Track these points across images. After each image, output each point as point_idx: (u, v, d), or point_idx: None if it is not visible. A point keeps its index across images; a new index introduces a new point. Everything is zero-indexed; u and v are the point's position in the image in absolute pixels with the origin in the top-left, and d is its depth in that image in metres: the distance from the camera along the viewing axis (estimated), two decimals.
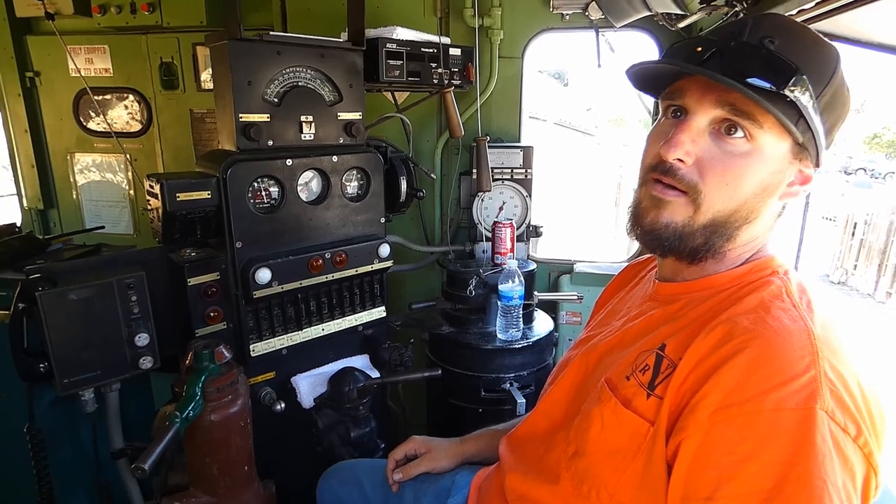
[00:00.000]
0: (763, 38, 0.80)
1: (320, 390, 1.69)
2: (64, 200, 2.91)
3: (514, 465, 1.10)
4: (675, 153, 0.84)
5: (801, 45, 0.82)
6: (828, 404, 0.69)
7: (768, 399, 0.70)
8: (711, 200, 0.84)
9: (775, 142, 0.82)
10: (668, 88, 0.90)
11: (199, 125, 2.62)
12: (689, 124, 0.84)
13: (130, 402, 1.63)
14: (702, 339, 0.79)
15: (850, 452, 0.69)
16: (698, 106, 0.84)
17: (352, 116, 1.67)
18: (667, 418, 0.79)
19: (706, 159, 0.84)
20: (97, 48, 2.60)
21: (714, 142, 0.84)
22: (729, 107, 0.81)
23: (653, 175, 0.88)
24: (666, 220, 0.87)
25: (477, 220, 2.32)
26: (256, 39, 1.45)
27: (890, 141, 34.37)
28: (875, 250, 10.13)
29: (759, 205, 0.86)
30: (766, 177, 0.84)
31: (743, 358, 0.73)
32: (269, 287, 1.51)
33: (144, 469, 1.08)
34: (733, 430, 0.71)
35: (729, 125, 0.83)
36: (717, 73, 0.79)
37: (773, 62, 0.78)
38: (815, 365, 0.71)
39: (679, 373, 0.80)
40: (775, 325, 0.76)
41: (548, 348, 2.05)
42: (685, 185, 0.85)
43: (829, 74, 0.81)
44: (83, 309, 1.31)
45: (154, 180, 1.41)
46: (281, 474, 1.61)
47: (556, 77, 14.97)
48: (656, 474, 0.80)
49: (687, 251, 0.88)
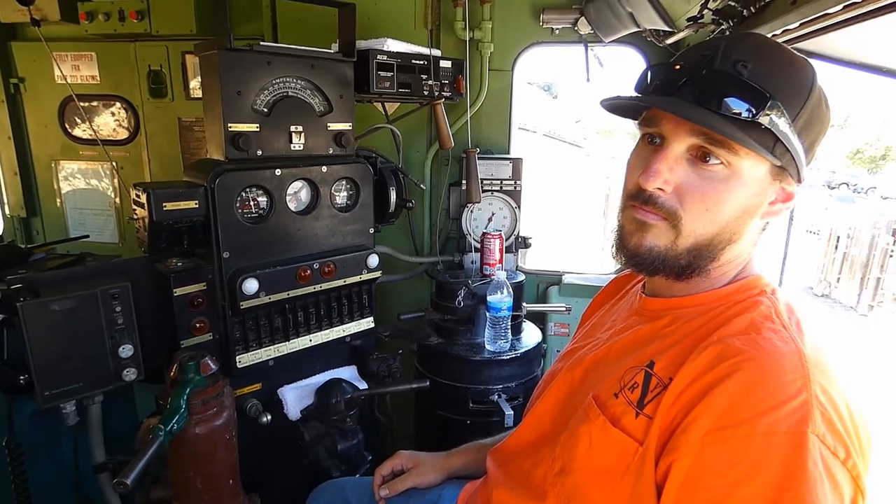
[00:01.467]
0: (736, 62, 0.80)
1: (307, 402, 1.67)
2: (48, 209, 2.86)
3: (501, 480, 1.09)
4: (654, 182, 0.84)
5: (775, 68, 0.82)
6: (819, 428, 0.69)
7: (761, 422, 0.70)
8: (692, 226, 0.85)
9: (754, 165, 0.82)
10: (644, 114, 0.90)
11: (188, 134, 2.60)
12: (666, 153, 0.84)
13: (113, 415, 1.60)
14: (694, 360, 0.79)
15: (839, 476, 0.69)
16: (674, 135, 0.84)
17: (342, 127, 1.66)
18: (657, 438, 0.79)
19: (685, 186, 0.84)
20: (84, 55, 2.58)
21: (692, 168, 0.84)
22: (703, 136, 0.81)
23: (632, 203, 0.89)
24: (649, 243, 0.88)
25: (466, 230, 2.32)
26: (247, 49, 1.44)
27: (872, 157, 35.05)
28: (857, 263, 10.30)
29: (741, 226, 0.86)
30: (746, 199, 0.84)
31: (736, 380, 0.73)
32: (256, 297, 1.50)
33: (127, 484, 1.05)
34: (725, 453, 0.71)
35: (705, 153, 0.82)
36: (690, 101, 0.80)
37: (746, 90, 0.78)
38: (806, 388, 0.71)
39: (670, 393, 0.79)
40: (767, 347, 0.76)
41: (536, 360, 2.05)
42: (665, 212, 0.85)
43: (805, 95, 0.81)
44: (66, 320, 1.29)
45: (140, 189, 1.39)
46: (267, 487, 1.59)
47: (546, 89, 15.09)
48: (645, 494, 0.79)
49: (673, 272, 0.89)
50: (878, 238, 10.06)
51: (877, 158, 34.93)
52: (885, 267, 9.88)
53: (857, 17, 1.05)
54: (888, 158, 34.93)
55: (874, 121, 35.70)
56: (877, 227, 10.30)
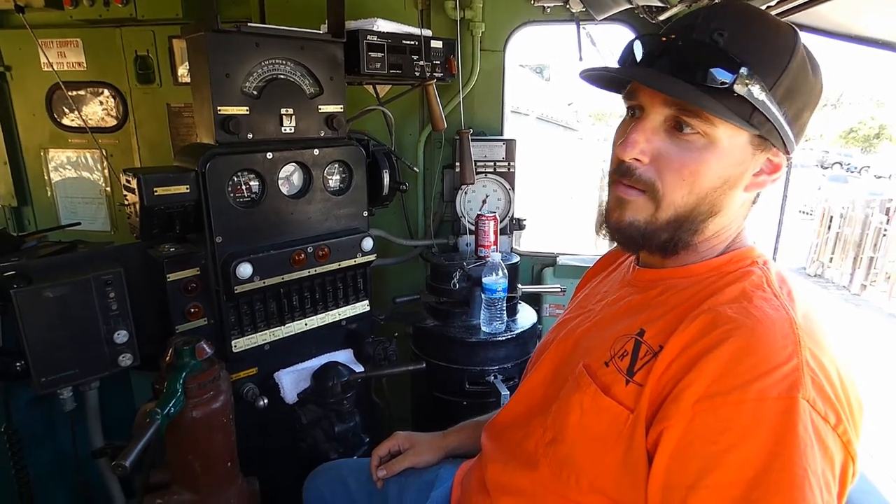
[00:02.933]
0: (714, 30, 0.80)
1: (304, 385, 1.68)
2: (38, 197, 2.84)
3: (495, 454, 1.10)
4: (631, 153, 0.85)
5: (752, 34, 0.81)
6: (809, 393, 0.69)
7: (752, 388, 0.70)
8: (671, 197, 0.85)
9: (732, 135, 0.82)
10: (627, 87, 0.90)
11: (177, 120, 2.57)
12: (644, 124, 0.85)
13: (110, 401, 1.60)
14: (685, 328, 0.80)
15: (829, 441, 0.70)
16: (651, 105, 0.85)
17: (333, 109, 1.65)
18: (647, 406, 0.80)
19: (662, 156, 0.84)
20: (69, 42, 2.54)
21: (669, 139, 0.84)
22: (676, 106, 0.82)
23: (614, 177, 0.89)
24: (629, 218, 0.88)
25: (460, 213, 2.32)
26: (234, 31, 1.43)
27: (865, 136, 35.13)
28: (850, 243, 10.34)
29: (722, 197, 0.86)
30: (725, 169, 0.84)
31: (727, 347, 0.73)
32: (250, 282, 1.49)
33: (125, 466, 1.06)
34: (717, 420, 0.71)
35: (681, 122, 0.83)
36: (666, 72, 0.80)
37: (719, 58, 0.78)
38: (797, 354, 0.72)
39: (661, 361, 0.80)
40: (758, 315, 0.76)
41: (531, 341, 2.06)
42: (643, 184, 0.86)
43: (784, 61, 0.80)
44: (60, 306, 1.29)
45: (131, 174, 1.38)
46: (264, 470, 1.60)
47: (538, 72, 15.00)
48: (636, 461, 0.80)
49: (655, 246, 0.89)
50: (871, 217, 10.10)
51: (870, 137, 35.02)
52: (878, 246, 9.92)
53: None
54: (882, 137, 35.02)
55: (868, 99, 35.71)
56: (870, 207, 10.34)
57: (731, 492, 0.69)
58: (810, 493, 0.66)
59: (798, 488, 0.66)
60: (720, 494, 0.69)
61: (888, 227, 9.88)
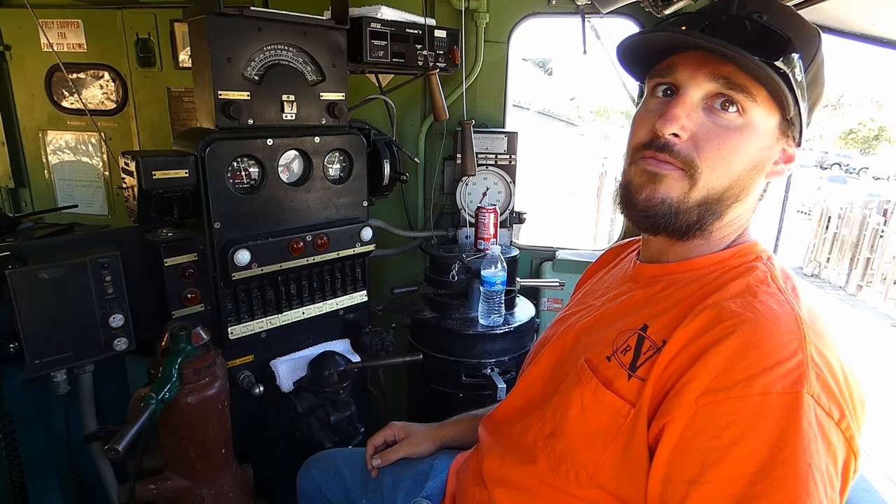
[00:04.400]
0: (752, 12, 0.80)
1: (300, 374, 1.67)
2: (36, 179, 2.82)
3: (493, 447, 1.09)
4: (672, 127, 0.82)
5: (789, 20, 0.82)
6: (814, 388, 0.69)
7: (756, 383, 0.70)
8: (708, 176, 0.83)
9: (766, 116, 0.82)
10: (657, 66, 0.89)
11: (177, 104, 2.56)
12: (684, 99, 0.83)
13: (105, 385, 1.60)
14: (689, 323, 0.79)
15: (833, 437, 0.69)
16: (691, 80, 0.83)
17: (334, 97, 1.64)
18: (649, 401, 0.79)
19: (701, 134, 0.82)
20: (70, 22, 2.51)
21: (708, 116, 0.83)
22: (723, 80, 0.80)
23: (645, 152, 0.86)
24: (662, 195, 0.85)
25: (460, 205, 2.31)
26: (237, 14, 1.41)
27: (864, 137, 35.13)
28: (848, 244, 10.35)
29: (750, 182, 0.86)
30: (758, 152, 0.84)
31: (731, 342, 0.73)
32: (248, 269, 1.48)
33: (118, 450, 1.05)
34: (720, 415, 0.71)
35: (723, 100, 0.82)
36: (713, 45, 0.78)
37: (766, 34, 0.78)
38: (802, 349, 0.71)
39: (664, 355, 0.79)
40: (763, 310, 0.76)
41: (529, 334, 2.06)
42: (681, 160, 0.83)
43: (814, 49, 0.82)
44: (55, 288, 1.28)
45: (129, 157, 1.37)
46: (259, 458, 1.60)
47: (540, 66, 14.94)
48: (636, 456, 0.80)
49: (681, 229, 0.87)
50: (868, 218, 10.11)
51: (870, 139, 35.03)
52: (875, 247, 9.94)
53: None
54: (881, 139, 35.05)
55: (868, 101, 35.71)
56: (868, 208, 10.35)
57: (734, 486, 0.68)
58: (814, 488, 0.66)
59: (802, 483, 0.66)
60: (722, 489, 0.69)
61: (885, 229, 9.90)
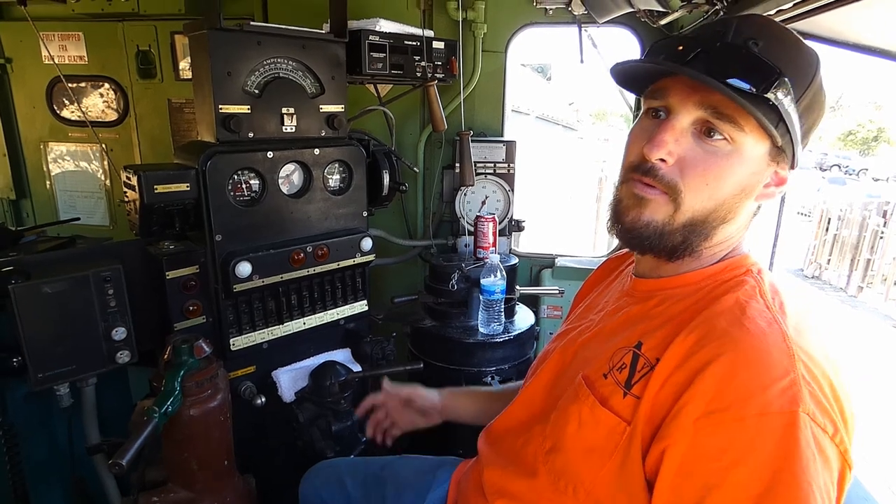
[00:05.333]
0: (748, 39, 0.80)
1: (301, 384, 1.68)
2: (37, 191, 2.84)
3: (493, 459, 1.10)
4: (658, 153, 0.84)
5: (784, 48, 0.82)
6: (809, 406, 0.70)
7: (752, 404, 0.70)
8: (691, 200, 0.85)
9: (755, 144, 0.83)
10: (650, 87, 0.90)
11: (178, 115, 2.57)
12: (672, 124, 0.84)
13: (107, 396, 1.60)
14: (680, 342, 0.80)
15: (829, 451, 0.70)
16: (681, 106, 0.84)
17: (334, 109, 1.65)
18: (645, 421, 0.80)
19: (688, 159, 0.84)
20: (71, 35, 2.53)
21: (696, 142, 0.84)
22: (711, 109, 0.82)
23: (633, 175, 0.88)
24: (647, 218, 0.87)
25: (459, 214, 2.32)
26: (237, 29, 1.42)
27: (864, 138, 35.16)
28: (848, 245, 10.35)
29: (737, 205, 0.87)
30: (745, 178, 0.85)
31: (722, 363, 0.74)
32: (249, 281, 1.50)
33: (122, 465, 1.06)
34: (719, 437, 0.71)
35: (710, 128, 0.83)
36: (701, 73, 0.79)
37: (757, 64, 0.78)
38: (793, 367, 0.72)
39: (657, 375, 0.80)
40: (752, 328, 0.77)
41: (529, 342, 2.06)
42: (665, 184, 0.85)
43: (809, 78, 0.82)
44: (58, 302, 1.29)
45: (131, 172, 1.38)
46: (261, 469, 1.60)
47: (539, 71, 14.99)
48: (632, 474, 0.80)
49: (666, 249, 0.89)
50: (868, 220, 10.12)
51: (869, 140, 35.06)
52: (875, 248, 9.94)
53: None
54: (880, 140, 35.08)
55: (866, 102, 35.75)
56: (867, 209, 10.36)
57: None
58: None
59: (803, 501, 0.67)
60: None
61: (885, 230, 9.90)
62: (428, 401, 1.45)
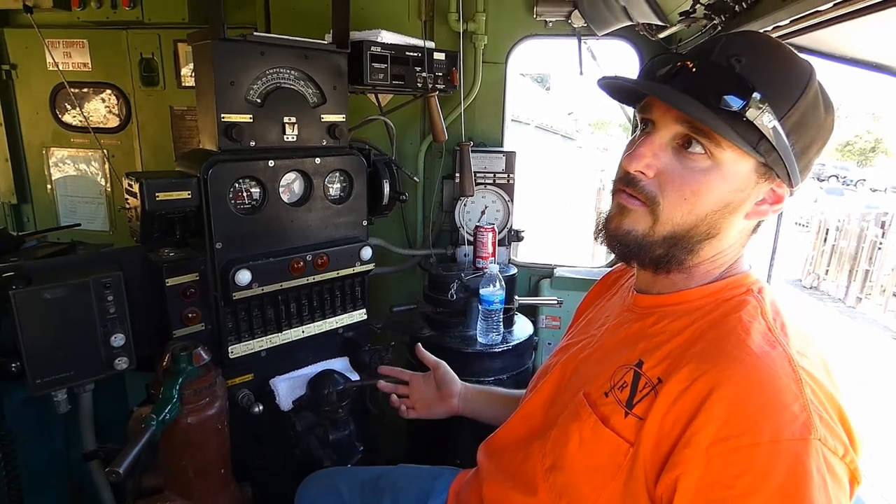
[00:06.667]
0: (731, 56, 0.81)
1: (299, 393, 1.68)
2: (38, 195, 2.85)
3: (493, 473, 1.10)
4: (636, 165, 0.86)
5: (769, 64, 0.82)
6: (820, 432, 0.70)
7: (764, 430, 0.70)
8: (669, 213, 0.86)
9: (736, 159, 0.83)
10: (642, 101, 0.92)
11: (179, 122, 2.58)
12: (653, 139, 0.87)
13: (104, 402, 1.60)
14: (685, 366, 0.79)
15: (840, 472, 0.71)
16: (662, 121, 0.86)
17: (335, 118, 1.66)
18: (652, 446, 0.79)
19: (666, 173, 0.86)
20: (76, 42, 2.56)
21: (675, 157, 0.86)
22: (688, 124, 0.83)
23: (620, 185, 0.91)
24: (627, 227, 0.90)
25: (459, 223, 2.33)
26: (240, 39, 1.44)
27: (861, 149, 35.29)
28: (846, 256, 10.39)
29: (721, 221, 0.87)
30: (727, 194, 0.85)
31: (730, 387, 0.74)
32: (248, 289, 1.50)
33: (119, 472, 1.06)
34: (732, 464, 0.71)
35: (689, 141, 0.84)
36: (678, 90, 0.81)
37: (732, 82, 0.79)
38: (801, 392, 0.73)
39: (663, 398, 0.79)
40: (758, 352, 0.77)
41: (527, 352, 2.07)
42: (644, 196, 0.87)
43: (797, 94, 0.81)
44: (58, 308, 1.29)
45: (133, 179, 1.39)
46: (258, 477, 1.60)
47: (539, 81, 15.08)
48: (636, 494, 0.81)
49: (650, 260, 0.90)
50: (866, 230, 10.15)
51: (866, 150, 35.19)
52: (873, 259, 9.97)
53: (848, 14, 1.06)
54: (878, 151, 35.20)
55: (864, 113, 35.89)
56: (866, 220, 10.39)
57: None
58: None
59: None
60: None
61: (883, 241, 9.94)
62: (450, 380, 1.50)
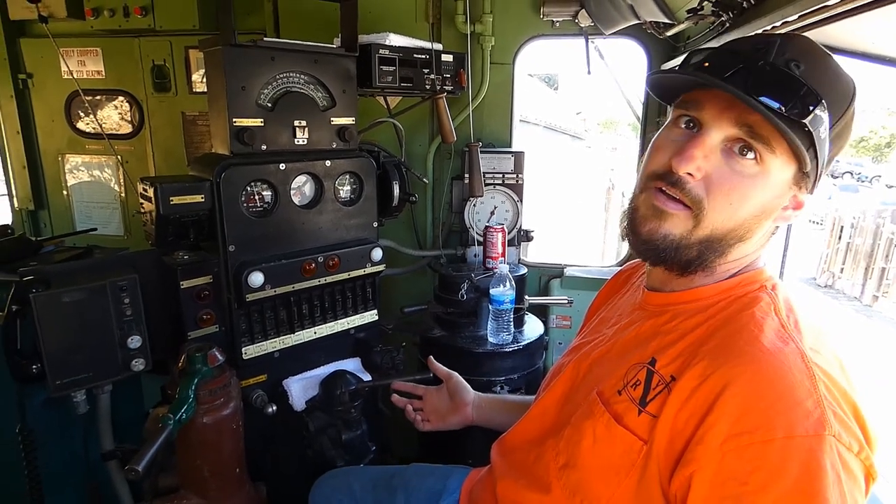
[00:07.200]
0: (789, 60, 0.79)
1: (312, 393, 1.70)
2: (55, 201, 2.90)
3: (506, 471, 1.11)
4: (687, 167, 0.83)
5: (826, 74, 0.81)
6: (835, 429, 0.70)
7: (778, 426, 0.70)
8: (713, 217, 0.84)
9: (782, 167, 0.82)
10: (683, 97, 0.89)
11: (191, 128, 2.62)
12: (704, 140, 0.83)
13: (121, 403, 1.63)
14: (697, 363, 0.79)
15: (855, 468, 0.71)
16: (715, 122, 0.83)
17: (345, 121, 1.68)
18: (666, 443, 0.79)
19: (715, 177, 0.83)
20: (90, 51, 2.60)
21: (725, 160, 0.83)
22: (746, 128, 0.81)
23: (656, 184, 0.87)
24: (665, 231, 0.87)
25: (468, 224, 2.34)
26: (251, 45, 1.46)
27: (876, 144, 34.79)
28: (862, 254, 10.25)
29: (756, 225, 0.86)
30: (768, 200, 0.84)
31: (743, 383, 0.74)
32: (261, 290, 1.52)
33: (138, 470, 1.08)
34: (746, 460, 0.71)
35: (742, 146, 0.82)
36: (740, 90, 0.78)
37: (798, 87, 0.77)
38: (815, 388, 0.72)
39: (676, 396, 0.79)
40: (771, 348, 0.77)
41: (538, 352, 2.07)
42: (690, 199, 0.84)
43: (845, 105, 0.81)
44: (76, 311, 1.32)
45: (147, 183, 1.41)
46: (272, 477, 1.62)
47: (547, 81, 15.05)
48: (649, 492, 0.81)
49: (680, 263, 0.88)
50: (882, 227, 10.01)
51: (882, 146, 34.70)
52: (889, 256, 9.83)
53: (857, 8, 1.05)
54: (893, 146, 34.71)
55: (879, 108, 35.37)
56: (881, 217, 10.26)
57: None
58: None
59: None
60: None
61: None
62: (463, 389, 1.50)
